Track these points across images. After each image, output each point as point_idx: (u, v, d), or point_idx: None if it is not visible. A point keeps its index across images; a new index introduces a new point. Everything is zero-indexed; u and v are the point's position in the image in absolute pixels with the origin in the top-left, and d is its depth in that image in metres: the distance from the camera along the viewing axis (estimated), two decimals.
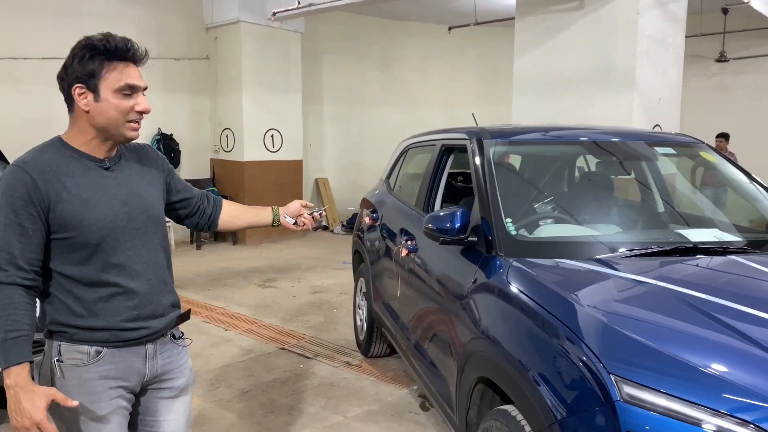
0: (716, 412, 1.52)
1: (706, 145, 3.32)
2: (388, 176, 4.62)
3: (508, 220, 2.59)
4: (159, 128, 9.15)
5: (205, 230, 2.21)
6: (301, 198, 10.78)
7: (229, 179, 9.79)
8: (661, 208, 3.10)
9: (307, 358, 4.70)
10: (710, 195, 3.77)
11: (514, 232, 2.54)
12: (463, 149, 3.31)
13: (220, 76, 9.57)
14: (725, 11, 9.36)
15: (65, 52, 1.74)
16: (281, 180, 9.91)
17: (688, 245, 2.48)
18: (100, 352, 1.76)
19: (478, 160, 2.92)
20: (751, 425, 1.48)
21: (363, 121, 12.11)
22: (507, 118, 7.66)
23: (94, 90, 1.68)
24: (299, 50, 10.09)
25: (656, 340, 1.76)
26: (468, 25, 9.90)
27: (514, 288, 2.21)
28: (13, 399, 1.60)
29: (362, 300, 4.70)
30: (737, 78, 11.80)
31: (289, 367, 4.50)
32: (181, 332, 2.01)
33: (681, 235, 2.62)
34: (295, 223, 2.22)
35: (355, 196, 12.34)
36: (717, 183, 3.80)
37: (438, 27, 12.05)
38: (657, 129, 6.33)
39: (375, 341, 4.45)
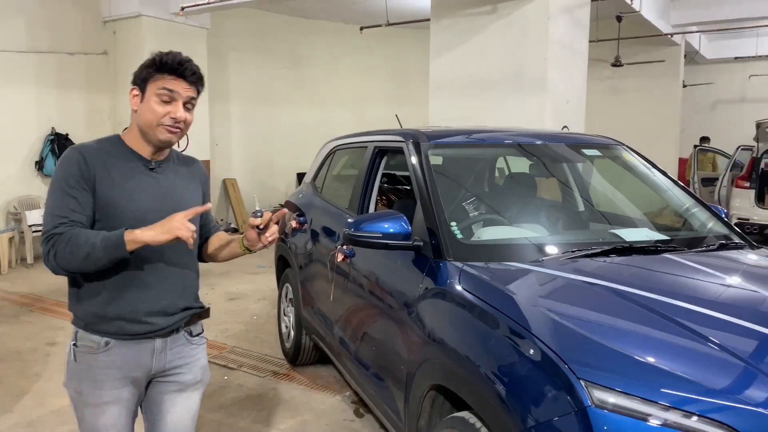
0: (686, 413, 1.56)
1: (626, 146, 3.48)
2: (314, 178, 4.51)
3: (453, 223, 2.57)
4: (53, 127, 8.50)
5: None
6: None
7: None
8: (593, 209, 3.21)
9: (231, 369, 4.50)
10: None
11: (460, 236, 2.53)
12: (397, 151, 3.27)
13: (120, 72, 9.00)
14: (619, 19, 9.93)
15: None
16: None
17: (625, 245, 2.58)
18: (109, 343, 1.89)
19: (416, 163, 2.89)
20: (725, 426, 1.53)
21: (271, 120, 11.84)
22: (419, 118, 7.73)
23: (143, 92, 1.87)
24: (205, 47, 9.71)
25: (620, 343, 1.79)
26: (380, 25, 9.90)
27: (469, 293, 2.19)
28: (154, 235, 1.75)
29: (288, 307, 4.56)
30: (627, 81, 12.58)
31: (213, 380, 4.28)
32: (201, 330, 2.10)
33: (617, 235, 2.71)
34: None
35: (264, 196, 12.08)
36: None
37: (347, 26, 11.99)
38: (565, 129, 6.61)
39: (303, 349, 4.33)
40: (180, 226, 1.74)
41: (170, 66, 1.85)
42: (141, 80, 1.88)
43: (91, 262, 1.77)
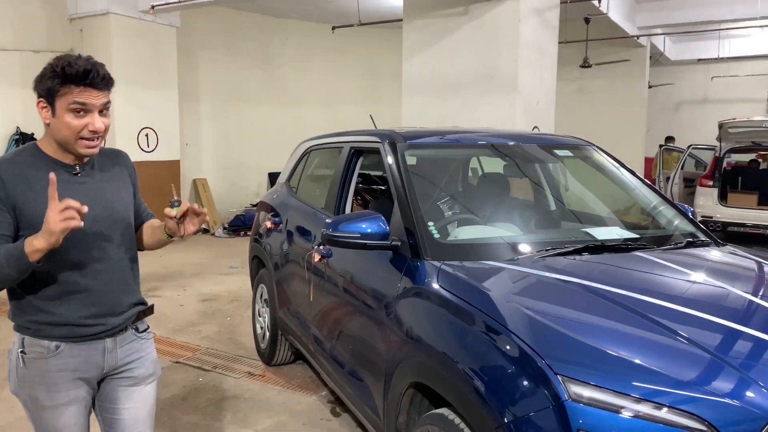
0: (657, 405, 1.62)
1: (596, 147, 3.56)
2: (289, 178, 4.50)
3: (431, 223, 2.61)
4: (18, 127, 8.32)
5: None
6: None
7: None
8: (564, 208, 3.28)
9: (206, 370, 4.47)
10: None
11: (437, 236, 2.57)
12: (373, 152, 3.29)
13: None
14: (587, 21, 10.11)
15: None
16: (157, 182, 9.28)
17: (597, 243, 2.64)
18: (59, 347, 1.89)
19: (393, 164, 2.92)
20: (694, 416, 1.59)
21: (242, 119, 11.77)
22: (392, 118, 7.78)
23: (52, 106, 1.81)
24: (174, 45, 9.60)
25: (594, 338, 1.85)
26: (352, 25, 9.92)
27: (447, 292, 2.23)
28: (44, 241, 1.67)
29: (263, 307, 4.55)
30: (595, 82, 12.83)
31: (188, 382, 4.26)
32: (147, 325, 2.12)
33: (589, 234, 2.78)
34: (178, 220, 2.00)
35: (235, 196, 12.00)
36: None
37: (318, 25, 11.98)
38: (536, 130, 6.72)
39: (279, 350, 4.32)
40: (54, 221, 1.64)
41: (76, 77, 1.77)
42: (46, 93, 1.80)
43: (1, 279, 1.73)
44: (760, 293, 2.33)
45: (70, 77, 1.76)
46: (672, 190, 10.59)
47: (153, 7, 8.03)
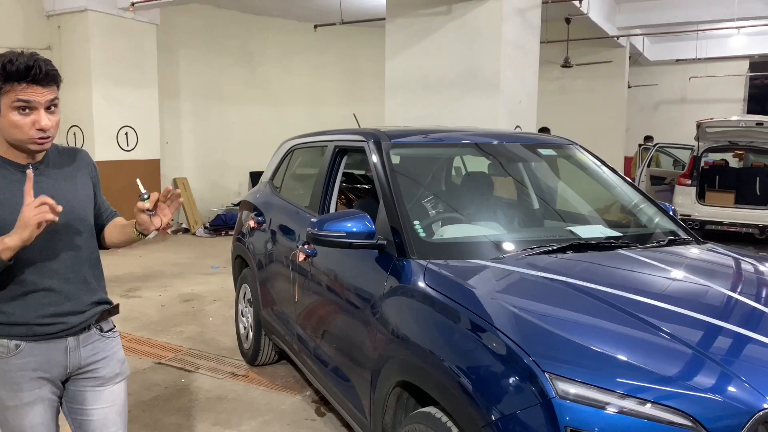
0: (641, 400, 1.64)
1: (579, 146, 3.59)
2: (272, 177, 4.48)
3: (416, 222, 2.61)
4: None
5: None
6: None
7: None
8: (548, 207, 3.30)
9: (188, 371, 4.43)
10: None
11: (423, 235, 2.57)
12: (357, 151, 3.29)
13: (65, 68, 8.69)
14: (568, 21, 10.20)
15: None
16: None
17: (581, 241, 2.67)
18: (19, 346, 1.87)
19: (378, 163, 2.92)
20: (677, 411, 1.61)
21: (223, 118, 11.69)
22: (374, 117, 7.78)
23: None
24: (154, 43, 9.51)
25: (579, 335, 1.86)
26: (334, 24, 9.90)
27: (434, 290, 2.23)
28: (19, 237, 1.69)
29: (246, 307, 4.52)
30: (576, 82, 12.95)
31: (170, 383, 4.22)
32: (112, 325, 2.08)
33: (572, 232, 2.80)
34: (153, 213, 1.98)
35: (217, 196, 11.91)
36: None
37: (301, 24, 11.94)
38: (518, 129, 6.76)
39: (263, 349, 4.30)
40: (31, 215, 1.67)
41: (18, 74, 1.74)
42: None
43: None
44: (740, 289, 2.37)
45: (12, 74, 1.73)
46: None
47: (133, 4, 7.94)
